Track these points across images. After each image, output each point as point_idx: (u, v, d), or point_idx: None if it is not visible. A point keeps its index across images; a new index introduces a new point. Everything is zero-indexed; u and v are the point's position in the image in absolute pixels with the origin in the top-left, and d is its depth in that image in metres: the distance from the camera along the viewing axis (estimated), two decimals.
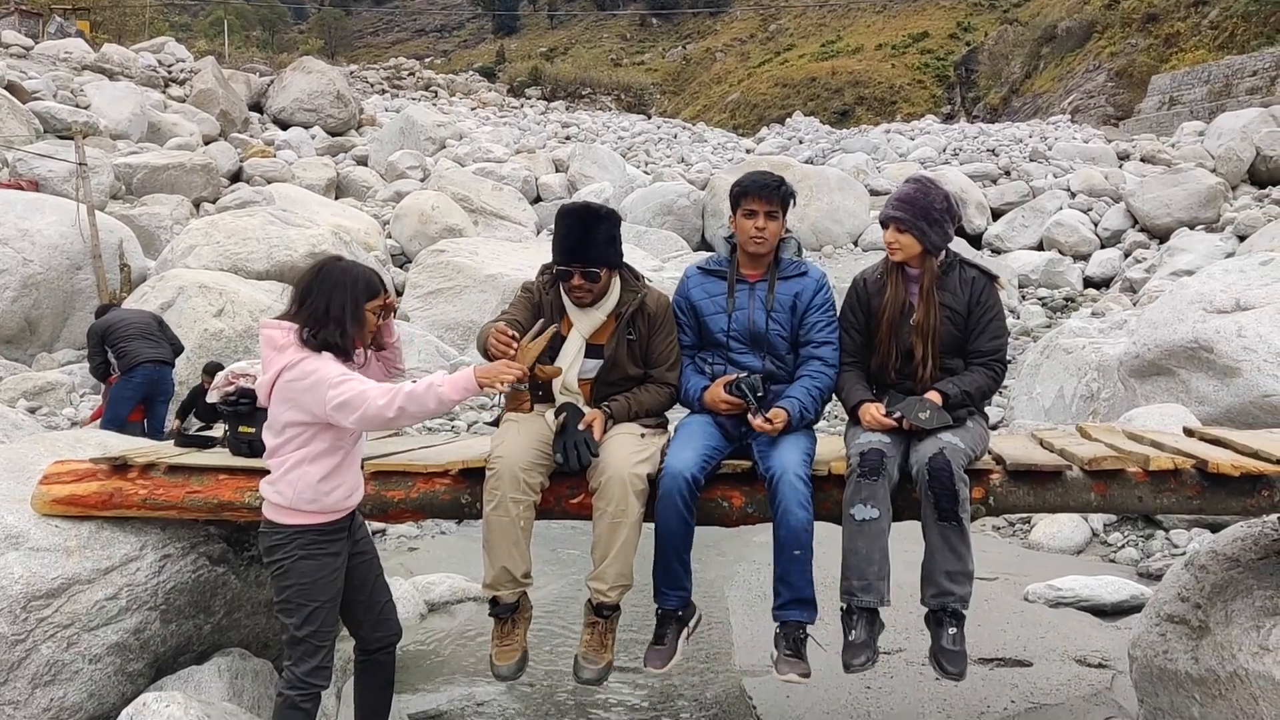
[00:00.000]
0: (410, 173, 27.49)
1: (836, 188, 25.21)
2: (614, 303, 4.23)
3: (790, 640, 3.96)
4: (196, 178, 22.40)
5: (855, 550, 3.79)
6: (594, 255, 4.11)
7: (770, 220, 4.17)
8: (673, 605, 4.09)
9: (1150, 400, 9.09)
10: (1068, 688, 5.16)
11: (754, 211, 4.17)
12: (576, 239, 4.12)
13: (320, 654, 3.65)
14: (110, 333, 9.61)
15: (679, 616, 4.11)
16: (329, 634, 3.69)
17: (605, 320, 4.22)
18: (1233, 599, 3.95)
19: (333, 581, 3.68)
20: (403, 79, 57.59)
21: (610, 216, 4.24)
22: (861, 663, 3.77)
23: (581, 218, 4.17)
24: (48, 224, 14.64)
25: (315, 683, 3.64)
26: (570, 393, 4.19)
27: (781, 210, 4.19)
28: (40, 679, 4.07)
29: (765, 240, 4.19)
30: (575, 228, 4.14)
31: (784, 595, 3.98)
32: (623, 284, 4.27)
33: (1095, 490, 3.90)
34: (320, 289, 3.61)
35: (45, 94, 25.65)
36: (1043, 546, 7.97)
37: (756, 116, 58.20)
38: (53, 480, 4.35)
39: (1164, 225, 21.76)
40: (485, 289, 16.30)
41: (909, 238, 4.09)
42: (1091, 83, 45.53)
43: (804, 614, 3.98)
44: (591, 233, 4.13)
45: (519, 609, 4.06)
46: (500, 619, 4.05)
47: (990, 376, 4.12)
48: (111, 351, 9.57)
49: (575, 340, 4.20)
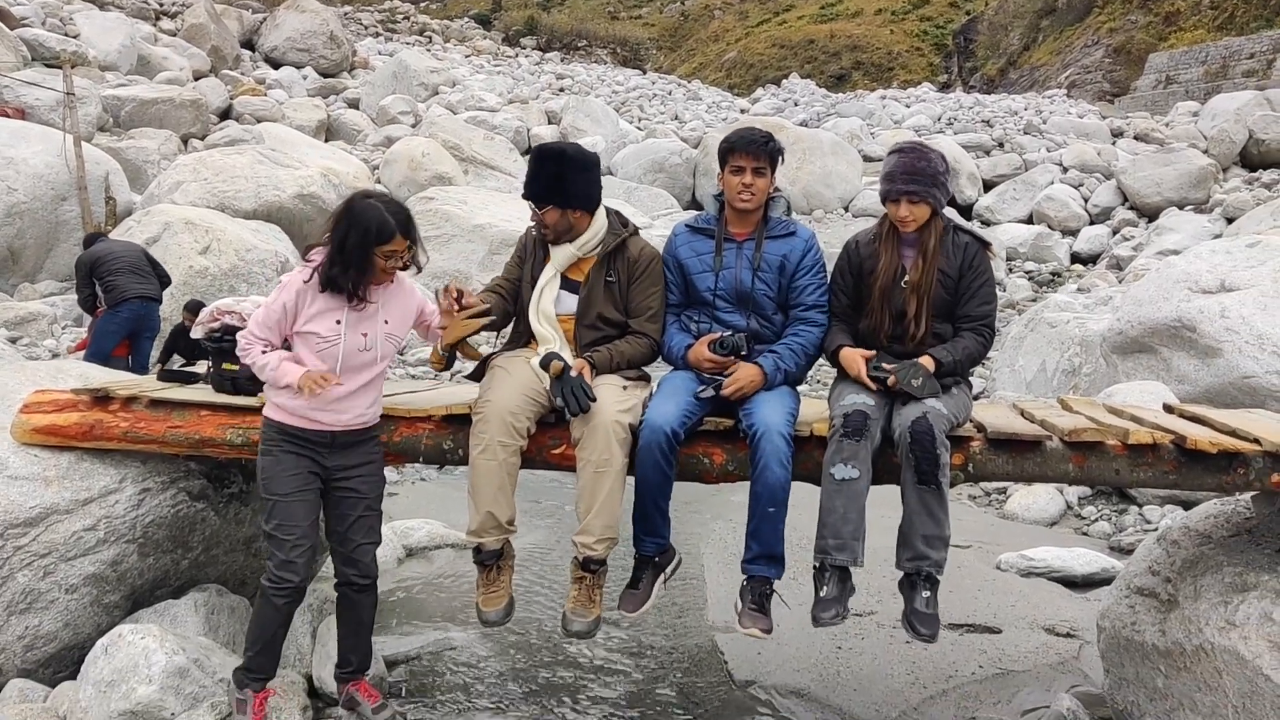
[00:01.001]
0: (402, 118, 27.29)
1: (830, 152, 25.14)
2: (594, 243, 4.29)
3: (755, 595, 4.02)
4: (185, 113, 22.18)
5: (833, 509, 3.80)
6: (544, 193, 4.21)
7: (758, 177, 4.16)
8: (649, 551, 4.13)
9: (1131, 377, 9.14)
10: (1035, 655, 5.22)
11: (741, 168, 4.16)
12: (548, 177, 4.22)
13: (285, 549, 3.81)
14: (99, 265, 9.50)
15: (655, 562, 4.15)
16: (291, 531, 3.82)
17: (584, 259, 4.29)
18: (1202, 574, 3.99)
19: (287, 481, 3.84)
20: (397, 22, 56.99)
21: (577, 159, 4.28)
22: (831, 617, 3.78)
23: (544, 156, 4.28)
24: (33, 153, 14.48)
25: (284, 577, 3.80)
26: (547, 322, 4.24)
27: (770, 167, 4.18)
28: (15, 606, 4.09)
29: (753, 197, 4.18)
30: (545, 169, 4.24)
31: (754, 549, 4.02)
32: (608, 227, 4.32)
33: (1074, 462, 3.92)
34: (340, 223, 3.74)
35: (34, 21, 25.32)
36: (1017, 517, 8.04)
37: (752, 77, 57.89)
38: (33, 409, 4.34)
39: (1153, 204, 21.80)
40: (473, 238, 16.22)
41: (923, 208, 4.07)
42: (1089, 58, 45.41)
43: (772, 570, 4.03)
44: (549, 171, 4.22)
45: (503, 556, 4.09)
46: (485, 566, 4.07)
47: (980, 342, 4.13)
48: (99, 284, 9.48)
49: (549, 271, 4.28)
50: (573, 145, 4.40)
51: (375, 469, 4.05)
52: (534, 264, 4.34)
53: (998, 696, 4.76)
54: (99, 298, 9.51)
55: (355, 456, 3.97)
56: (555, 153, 4.28)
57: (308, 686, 4.40)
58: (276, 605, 3.84)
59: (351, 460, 3.96)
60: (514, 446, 3.96)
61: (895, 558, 3.84)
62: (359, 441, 3.99)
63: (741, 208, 4.21)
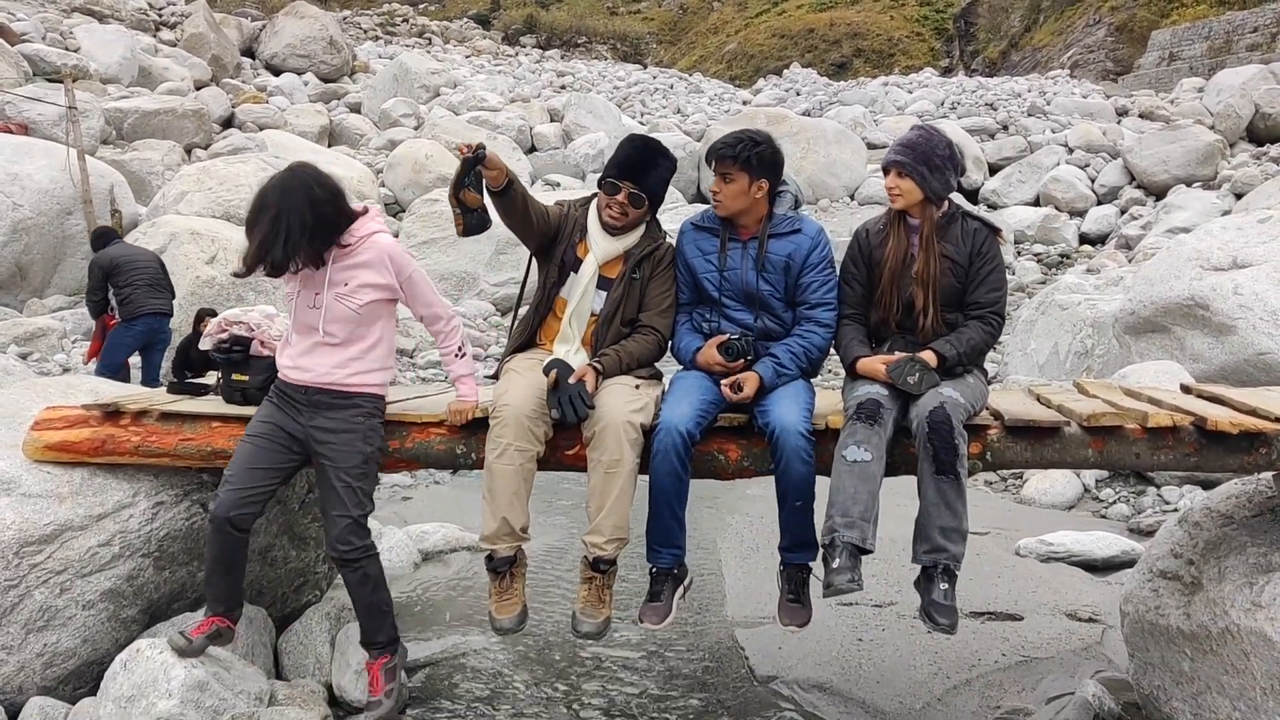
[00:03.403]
0: (404, 121, 27.24)
1: (833, 141, 25.04)
2: (633, 242, 4.30)
3: (793, 584, 4.06)
4: (188, 123, 22.18)
5: (842, 488, 3.72)
6: (647, 182, 4.24)
7: (726, 183, 4.13)
8: (666, 564, 4.08)
9: (1145, 357, 9.10)
10: (1058, 641, 5.19)
11: (721, 174, 4.16)
12: (637, 161, 4.25)
13: (222, 485, 4.01)
14: (118, 272, 9.34)
15: (674, 574, 4.10)
16: (231, 467, 4.03)
17: (620, 255, 4.29)
18: (1226, 555, 3.95)
19: (254, 426, 4.08)
20: (396, 25, 56.87)
21: (670, 159, 4.34)
22: (846, 581, 3.61)
23: (646, 146, 4.33)
24: (38, 168, 14.48)
25: (215, 512, 3.96)
26: (577, 320, 4.25)
27: (747, 172, 4.10)
28: (33, 624, 4.07)
29: (721, 203, 4.18)
30: (639, 152, 4.28)
31: (787, 539, 4.05)
32: (645, 230, 4.35)
33: (1093, 446, 3.88)
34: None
35: (34, 36, 25.33)
36: (1035, 502, 7.99)
37: (753, 68, 57.69)
38: (44, 426, 4.32)
39: (1161, 182, 21.68)
40: (479, 239, 15.97)
41: (909, 183, 4.04)
42: (1091, 37, 45.20)
43: (808, 555, 4.05)
44: (651, 163, 4.25)
45: (515, 563, 4.07)
46: (498, 573, 4.05)
47: (987, 331, 4.09)
48: (115, 291, 9.33)
49: (590, 264, 4.27)
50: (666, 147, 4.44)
51: (351, 440, 4.02)
52: (568, 246, 4.33)
53: (1022, 684, 4.73)
54: (111, 305, 9.41)
55: (331, 422, 4.00)
56: (648, 142, 4.37)
57: (327, 695, 4.39)
58: (209, 534, 4.01)
59: (327, 424, 4.00)
60: (531, 452, 3.94)
61: (912, 551, 3.81)
62: (334, 405, 4.02)
63: (720, 213, 4.22)
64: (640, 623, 4.04)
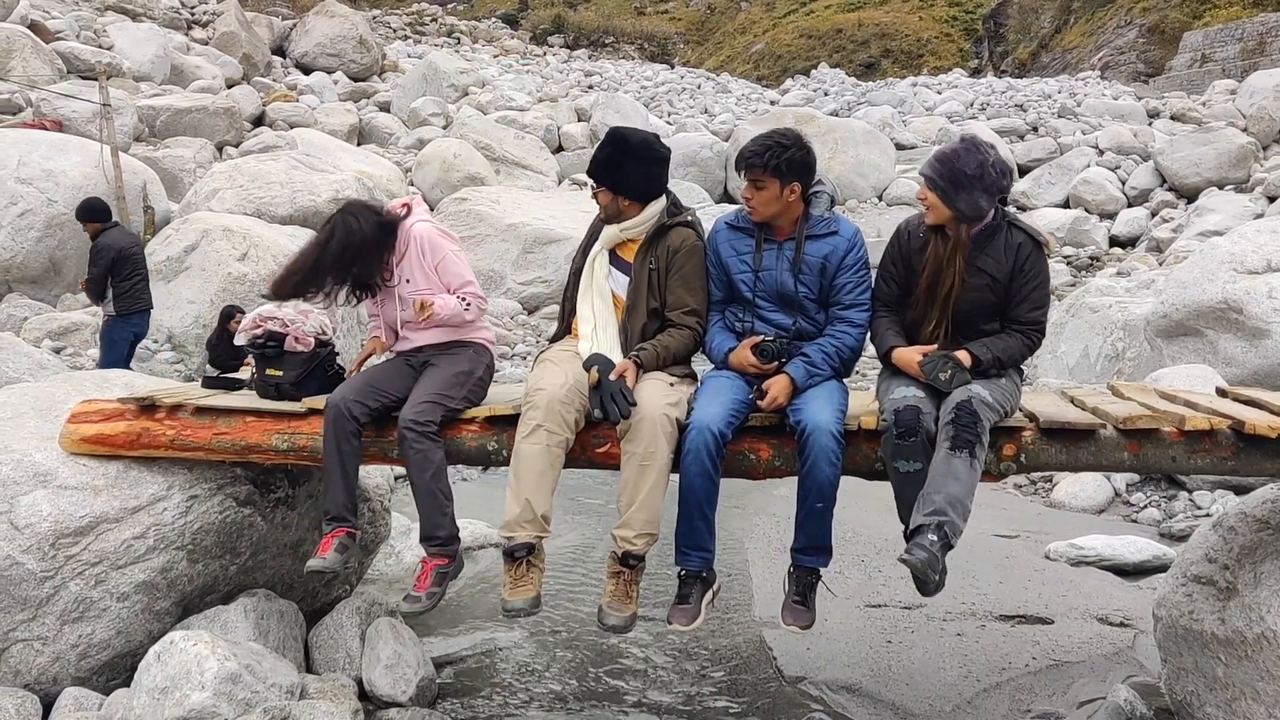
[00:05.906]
0: (432, 120, 27.33)
1: (862, 141, 24.91)
2: (639, 228, 4.30)
3: (800, 586, 4.03)
4: (220, 121, 22.32)
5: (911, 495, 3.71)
6: (616, 182, 4.24)
7: (757, 190, 4.09)
8: (695, 566, 4.05)
9: (1177, 361, 9.01)
10: (1089, 646, 5.15)
11: (751, 181, 4.13)
12: (603, 161, 4.29)
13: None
14: (123, 262, 9.40)
15: (703, 578, 4.06)
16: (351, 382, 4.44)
17: (631, 241, 4.33)
18: (1262, 561, 3.92)
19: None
20: (425, 25, 57.11)
21: (639, 151, 4.28)
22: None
23: (615, 146, 4.29)
24: (72, 165, 14.60)
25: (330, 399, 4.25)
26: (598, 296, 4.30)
27: (778, 178, 4.05)
28: (69, 615, 4.12)
29: (755, 210, 4.15)
30: (604, 152, 4.31)
31: (802, 540, 4.02)
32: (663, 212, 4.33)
33: (1129, 449, 3.85)
34: None
35: (68, 34, 25.52)
36: (1065, 505, 7.93)
37: (781, 68, 57.50)
38: (80, 419, 4.37)
39: (1192, 185, 21.45)
40: (506, 238, 16.24)
41: (935, 197, 3.99)
42: (1122, 39, 44.80)
43: (820, 560, 4.05)
44: (616, 164, 4.25)
45: (533, 552, 4.02)
46: (515, 559, 3.99)
47: (1025, 344, 4.02)
48: (117, 282, 9.38)
49: (597, 246, 4.35)
50: (641, 134, 4.39)
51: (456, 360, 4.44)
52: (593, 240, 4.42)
53: (1052, 688, 4.69)
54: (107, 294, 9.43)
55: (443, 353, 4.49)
56: (619, 138, 4.31)
57: (358, 689, 4.42)
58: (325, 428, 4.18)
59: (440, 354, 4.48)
60: (561, 437, 3.95)
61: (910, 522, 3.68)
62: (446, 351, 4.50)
63: (754, 219, 4.20)
64: (669, 624, 4.03)
